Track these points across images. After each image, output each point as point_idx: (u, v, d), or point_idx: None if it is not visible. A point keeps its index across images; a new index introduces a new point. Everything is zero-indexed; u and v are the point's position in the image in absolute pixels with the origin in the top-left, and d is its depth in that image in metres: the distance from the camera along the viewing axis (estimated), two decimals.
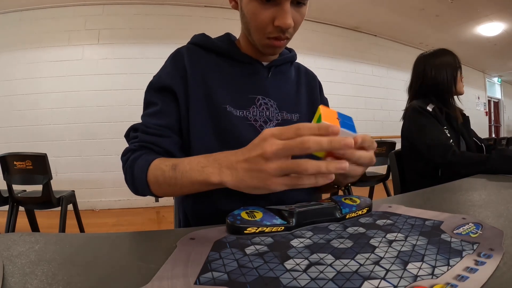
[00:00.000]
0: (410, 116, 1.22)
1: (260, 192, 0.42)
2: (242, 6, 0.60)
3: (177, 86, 0.62)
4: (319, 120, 0.41)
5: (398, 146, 1.46)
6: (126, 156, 0.59)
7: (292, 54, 0.75)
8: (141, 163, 0.55)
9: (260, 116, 0.65)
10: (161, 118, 0.61)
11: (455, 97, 1.27)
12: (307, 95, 0.75)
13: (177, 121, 0.63)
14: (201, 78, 0.64)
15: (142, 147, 0.59)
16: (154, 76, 0.66)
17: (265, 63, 0.69)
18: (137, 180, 0.55)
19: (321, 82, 0.82)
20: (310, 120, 0.77)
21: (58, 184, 2.51)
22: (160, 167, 0.52)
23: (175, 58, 0.66)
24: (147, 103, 0.65)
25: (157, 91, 0.64)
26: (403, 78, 1.73)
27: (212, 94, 0.63)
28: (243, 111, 0.64)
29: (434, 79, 1.22)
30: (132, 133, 0.63)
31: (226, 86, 0.65)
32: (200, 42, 0.68)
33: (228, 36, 0.71)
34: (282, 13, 0.55)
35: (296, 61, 0.78)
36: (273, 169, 0.39)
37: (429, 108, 1.18)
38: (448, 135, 1.14)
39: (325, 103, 0.81)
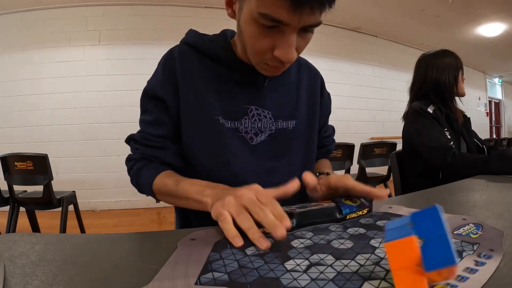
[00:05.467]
0: (411, 117, 1.22)
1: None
2: (240, 21, 0.53)
3: (168, 96, 0.62)
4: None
5: (399, 147, 1.46)
6: (131, 163, 0.65)
7: None
8: (147, 174, 0.60)
9: (252, 128, 0.63)
10: (158, 128, 0.63)
11: (456, 98, 1.26)
12: (307, 96, 0.71)
13: (173, 128, 0.64)
14: (193, 86, 0.62)
15: (144, 158, 0.63)
16: (148, 81, 0.65)
17: None
18: (143, 188, 0.62)
19: None
20: (307, 125, 0.74)
21: (59, 184, 2.52)
22: (164, 181, 0.58)
23: (167, 63, 0.63)
24: (144, 109, 0.66)
25: (151, 99, 0.64)
26: (403, 79, 1.73)
27: (204, 103, 0.62)
28: (234, 123, 0.62)
29: (436, 80, 1.21)
30: (132, 143, 0.65)
31: (218, 95, 0.62)
32: (193, 44, 0.64)
33: (224, 36, 0.65)
34: (285, 45, 0.48)
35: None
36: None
37: (430, 110, 1.18)
38: (449, 137, 1.14)
39: (326, 98, 0.78)
